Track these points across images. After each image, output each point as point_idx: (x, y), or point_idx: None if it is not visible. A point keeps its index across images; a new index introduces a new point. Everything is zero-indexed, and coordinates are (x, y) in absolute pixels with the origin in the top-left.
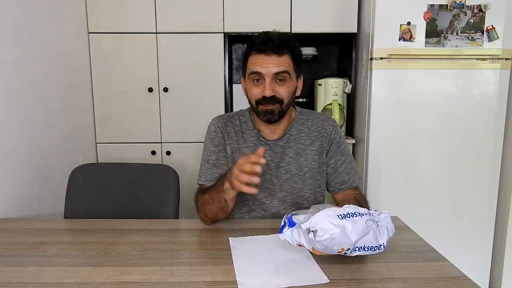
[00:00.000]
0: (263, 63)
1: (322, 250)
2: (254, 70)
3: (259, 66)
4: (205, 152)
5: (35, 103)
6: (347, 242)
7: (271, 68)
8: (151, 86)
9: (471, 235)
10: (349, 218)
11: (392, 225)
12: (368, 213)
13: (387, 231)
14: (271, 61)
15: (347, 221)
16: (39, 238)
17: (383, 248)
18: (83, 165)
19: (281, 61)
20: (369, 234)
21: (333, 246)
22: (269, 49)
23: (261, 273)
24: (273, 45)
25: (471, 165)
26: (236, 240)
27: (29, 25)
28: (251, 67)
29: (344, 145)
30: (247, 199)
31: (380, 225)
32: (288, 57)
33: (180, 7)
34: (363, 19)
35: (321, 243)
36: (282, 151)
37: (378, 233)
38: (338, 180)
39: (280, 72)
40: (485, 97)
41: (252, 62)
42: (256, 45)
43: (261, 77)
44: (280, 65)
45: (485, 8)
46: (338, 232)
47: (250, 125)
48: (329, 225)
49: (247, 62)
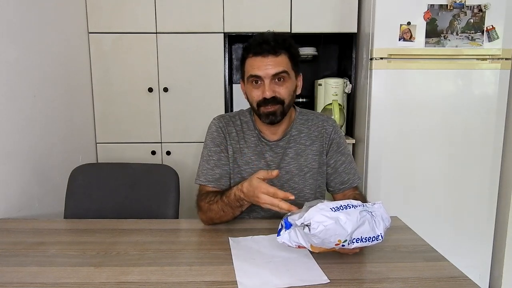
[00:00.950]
0: (260, 65)
1: (319, 244)
2: (253, 73)
3: (257, 68)
4: (205, 152)
5: (35, 103)
6: (342, 233)
7: (269, 69)
8: (151, 86)
9: (471, 235)
10: (342, 210)
11: (388, 215)
12: (362, 204)
13: (383, 221)
14: (268, 62)
15: (340, 213)
16: (39, 238)
17: (381, 238)
18: (83, 165)
19: (278, 61)
20: (364, 224)
21: (329, 238)
22: (265, 51)
23: (261, 273)
24: (269, 46)
25: (471, 165)
26: (236, 240)
27: (29, 25)
28: (249, 70)
29: (344, 145)
30: None
31: (375, 215)
32: (285, 57)
33: (180, 7)
34: (363, 19)
35: (316, 236)
36: (283, 152)
37: (374, 223)
38: (338, 180)
39: (278, 72)
40: (485, 97)
41: (249, 65)
42: (252, 47)
43: (260, 79)
44: (277, 66)
45: (485, 8)
46: (332, 223)
47: (251, 125)
48: (322, 217)
49: (244, 66)
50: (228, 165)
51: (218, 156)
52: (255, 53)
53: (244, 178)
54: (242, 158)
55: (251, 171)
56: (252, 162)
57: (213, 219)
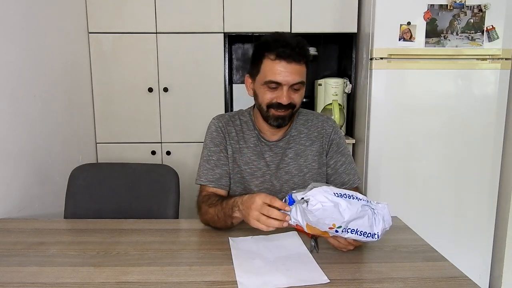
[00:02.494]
0: (283, 71)
1: (314, 223)
2: (273, 80)
3: (279, 75)
4: (205, 152)
5: (35, 103)
6: (339, 219)
7: (289, 78)
8: (151, 86)
9: (471, 235)
10: (345, 198)
11: (390, 218)
12: (367, 200)
13: (383, 221)
14: (291, 70)
15: (342, 200)
16: (39, 238)
17: (377, 237)
18: (83, 165)
19: (299, 71)
20: (363, 218)
21: (325, 219)
22: (289, 57)
23: (261, 273)
24: (293, 52)
25: (471, 165)
26: (236, 240)
27: (29, 25)
28: (269, 75)
29: (343, 145)
30: None
31: (376, 213)
32: (304, 66)
33: (180, 7)
34: (363, 19)
35: (312, 213)
36: (282, 152)
37: (373, 220)
38: (338, 181)
39: (297, 82)
40: (485, 97)
41: (270, 69)
42: (274, 48)
43: (278, 85)
44: (298, 76)
45: (485, 8)
46: (331, 206)
47: (251, 125)
48: (323, 198)
49: (260, 65)
50: (227, 164)
51: (218, 156)
52: (278, 56)
53: (244, 178)
54: (241, 158)
55: (250, 171)
56: (251, 162)
57: (208, 222)
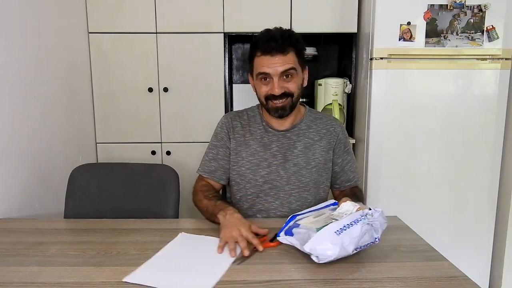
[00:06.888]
0: (269, 63)
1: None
2: (261, 71)
3: (266, 67)
4: (208, 145)
5: (35, 103)
6: (344, 254)
7: (277, 67)
8: (151, 86)
9: (471, 235)
10: (346, 231)
11: (385, 220)
12: (364, 216)
13: (381, 226)
14: (276, 61)
15: (344, 235)
16: (39, 238)
17: (378, 240)
18: (83, 165)
19: (286, 59)
20: (364, 235)
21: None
22: (274, 49)
23: (164, 272)
24: (277, 44)
25: (471, 165)
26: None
27: (29, 25)
28: (258, 68)
29: (349, 145)
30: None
31: (373, 225)
32: (292, 54)
33: (180, 7)
34: (363, 19)
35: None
36: (289, 143)
37: (373, 231)
38: (344, 178)
39: (287, 69)
40: (485, 97)
41: (258, 63)
42: (260, 45)
43: (268, 76)
44: (286, 63)
45: (485, 8)
46: (336, 251)
47: (258, 118)
48: (328, 245)
49: (253, 63)
50: (225, 159)
51: (217, 150)
52: (263, 52)
53: (249, 169)
54: (247, 150)
55: (256, 162)
56: (257, 153)
57: (199, 209)
